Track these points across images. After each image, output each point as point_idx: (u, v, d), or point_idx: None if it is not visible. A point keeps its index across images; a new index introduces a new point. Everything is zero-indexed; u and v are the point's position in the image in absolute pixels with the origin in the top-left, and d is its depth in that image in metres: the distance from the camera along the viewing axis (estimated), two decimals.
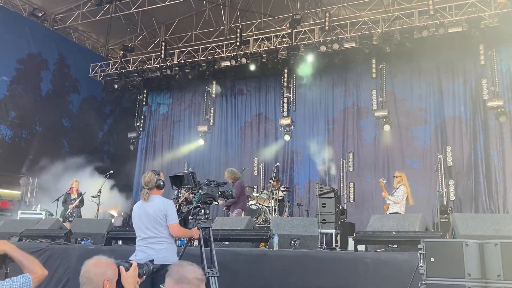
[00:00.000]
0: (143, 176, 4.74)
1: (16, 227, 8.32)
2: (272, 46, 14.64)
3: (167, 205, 4.63)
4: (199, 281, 2.19)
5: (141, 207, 4.67)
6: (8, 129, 14.08)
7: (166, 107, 17.78)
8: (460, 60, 13.26)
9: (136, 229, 4.70)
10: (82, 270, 2.57)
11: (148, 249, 4.52)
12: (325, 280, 5.34)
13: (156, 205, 4.60)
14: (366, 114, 14.06)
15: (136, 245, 4.67)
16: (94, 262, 2.62)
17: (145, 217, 4.59)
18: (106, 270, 2.62)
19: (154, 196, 4.68)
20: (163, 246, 4.56)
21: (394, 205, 8.72)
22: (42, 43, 15.19)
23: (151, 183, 4.66)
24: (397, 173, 9.20)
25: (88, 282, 2.53)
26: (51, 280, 6.48)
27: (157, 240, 4.55)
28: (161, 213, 4.56)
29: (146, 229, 4.57)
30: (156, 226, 4.56)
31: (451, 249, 3.51)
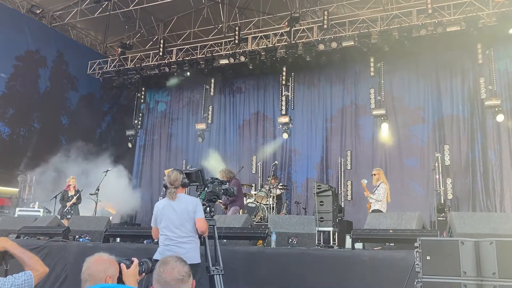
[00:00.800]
0: (168, 175, 4.70)
1: (14, 224, 8.34)
2: (271, 44, 14.65)
3: (197, 202, 4.65)
4: (178, 281, 2.14)
5: (168, 206, 4.62)
6: (6, 126, 14.07)
7: (164, 105, 17.78)
8: (458, 59, 13.29)
9: (162, 228, 4.62)
10: (84, 267, 2.58)
11: (177, 248, 4.47)
12: (323, 278, 5.37)
13: (185, 203, 4.59)
14: (364, 113, 14.08)
15: (163, 244, 4.59)
16: (95, 259, 2.63)
17: (174, 216, 4.56)
18: (108, 267, 2.63)
19: (181, 195, 4.68)
20: (191, 246, 4.57)
21: (376, 202, 8.76)
22: (41, 40, 15.16)
23: (177, 181, 4.65)
24: (374, 171, 9.22)
25: (90, 279, 2.54)
26: (49, 277, 6.49)
27: (186, 240, 4.54)
28: (191, 211, 4.56)
29: (176, 228, 4.54)
30: (185, 224, 4.55)
31: (447, 247, 3.53)
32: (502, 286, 3.32)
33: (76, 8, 15.79)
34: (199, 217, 4.58)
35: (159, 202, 4.82)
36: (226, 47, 15.42)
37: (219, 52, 15.43)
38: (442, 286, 3.44)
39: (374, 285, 5.05)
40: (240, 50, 14.94)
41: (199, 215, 4.59)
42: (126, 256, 2.81)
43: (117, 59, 16.52)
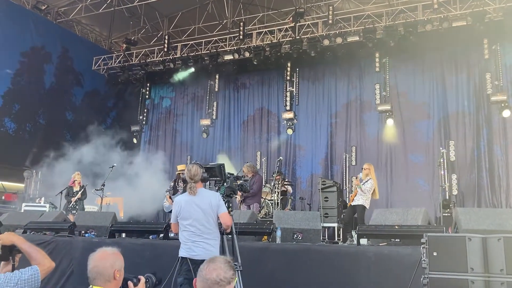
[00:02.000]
0: (188, 169, 4.62)
1: (21, 219, 8.38)
2: (275, 39, 14.61)
3: (219, 197, 4.63)
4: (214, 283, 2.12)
5: (191, 202, 4.56)
6: (12, 122, 14.13)
7: (169, 101, 17.79)
8: (464, 54, 13.20)
9: (186, 224, 4.55)
10: (90, 266, 2.59)
11: (206, 245, 4.46)
12: (328, 273, 5.37)
13: (207, 198, 4.56)
14: (369, 108, 14.04)
15: (189, 240, 4.51)
16: (100, 255, 2.64)
17: (199, 212, 4.51)
18: (115, 261, 2.65)
19: (201, 189, 4.64)
20: (216, 242, 4.56)
21: (361, 196, 8.69)
22: (46, 36, 15.19)
23: (197, 176, 4.59)
24: (365, 165, 9.15)
25: (99, 277, 2.55)
26: (56, 272, 6.53)
27: (212, 236, 4.52)
28: (214, 205, 4.54)
29: (200, 224, 4.49)
30: (209, 219, 4.52)
31: (454, 244, 3.52)
32: (510, 282, 3.30)
33: (81, 4, 15.81)
34: (224, 212, 4.56)
35: (180, 198, 4.73)
36: (230, 43, 15.39)
37: (223, 48, 15.40)
38: (449, 282, 3.43)
39: (380, 281, 5.05)
40: (244, 45, 14.92)
41: (223, 210, 4.56)
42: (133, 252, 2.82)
43: (122, 55, 16.54)
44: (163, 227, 6.96)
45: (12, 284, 2.60)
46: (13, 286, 2.60)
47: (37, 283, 2.73)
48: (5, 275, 2.65)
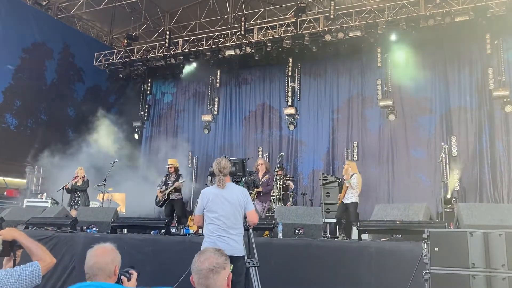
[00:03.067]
0: (217, 162, 4.57)
1: (22, 215, 8.39)
2: (277, 35, 14.58)
3: (246, 193, 4.61)
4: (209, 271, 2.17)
5: (219, 195, 4.50)
6: (14, 118, 14.15)
7: (170, 96, 17.77)
8: (466, 50, 13.15)
9: (213, 218, 4.48)
10: (91, 262, 2.58)
11: (231, 241, 4.42)
12: (329, 269, 5.37)
13: (236, 193, 4.53)
14: (371, 104, 14.01)
15: (214, 234, 4.44)
16: (101, 251, 2.64)
17: (227, 206, 4.46)
18: (115, 257, 2.67)
19: (229, 183, 4.61)
20: (241, 238, 4.53)
21: (351, 194, 8.80)
22: (47, 32, 15.18)
23: (226, 169, 4.55)
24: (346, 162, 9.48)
25: (101, 273, 2.56)
26: (57, 267, 6.54)
27: (237, 232, 4.49)
28: (242, 201, 4.52)
29: (228, 218, 4.44)
30: (236, 215, 4.49)
31: (456, 239, 3.51)
32: (511, 278, 3.30)
33: (82, 0, 15.77)
34: (252, 209, 4.56)
35: (208, 190, 4.67)
36: (232, 38, 15.36)
37: (225, 43, 15.37)
38: (451, 278, 3.42)
39: (381, 276, 5.05)
40: (246, 41, 14.89)
41: (251, 207, 4.56)
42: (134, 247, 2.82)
43: (123, 51, 16.52)
44: (164, 223, 6.97)
45: (13, 280, 2.60)
46: (14, 282, 2.60)
47: (38, 279, 2.73)
48: (6, 271, 2.65)
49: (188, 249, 6.03)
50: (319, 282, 5.35)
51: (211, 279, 2.15)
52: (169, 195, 9.65)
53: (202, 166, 15.88)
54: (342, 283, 5.24)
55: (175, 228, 8.75)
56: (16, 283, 2.61)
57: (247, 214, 4.55)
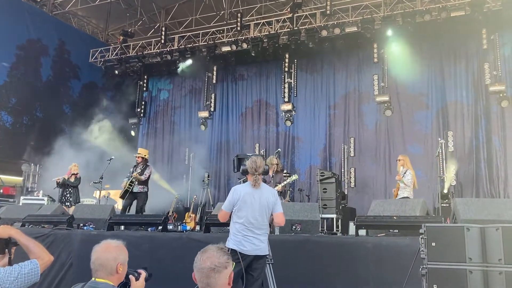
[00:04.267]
0: (253, 161, 4.52)
1: (19, 213, 8.36)
2: (273, 30, 14.55)
3: (276, 194, 4.59)
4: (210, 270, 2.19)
5: (251, 195, 4.46)
6: (9, 116, 14.08)
7: (166, 93, 17.73)
8: (462, 45, 13.16)
9: (242, 216, 4.42)
10: (93, 257, 2.57)
11: (256, 240, 4.39)
12: (327, 264, 5.38)
13: (266, 194, 4.50)
14: (367, 99, 14.01)
15: (240, 233, 4.40)
16: (104, 247, 2.62)
17: (257, 206, 4.43)
18: (118, 255, 2.63)
19: (262, 184, 4.56)
20: (266, 237, 4.51)
21: (404, 189, 8.63)
22: (42, 28, 15.10)
23: (261, 168, 4.50)
24: (400, 157, 9.14)
25: (102, 269, 2.53)
26: (55, 265, 6.52)
27: (263, 232, 4.47)
28: (271, 202, 4.48)
29: (254, 219, 4.40)
30: (263, 215, 4.45)
31: (453, 234, 3.52)
32: (508, 272, 3.31)
33: None
34: (280, 211, 4.52)
35: (240, 188, 4.59)
36: (228, 34, 15.33)
37: (221, 39, 15.34)
38: (447, 272, 3.43)
39: (378, 271, 5.06)
40: (242, 37, 14.86)
41: (279, 209, 4.52)
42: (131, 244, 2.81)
43: (119, 47, 16.46)
44: (161, 220, 6.96)
45: (12, 278, 2.59)
46: (13, 280, 2.60)
47: (37, 276, 2.72)
48: (4, 269, 2.64)
49: (186, 245, 6.02)
50: (316, 277, 5.35)
51: (212, 278, 2.17)
52: (131, 187, 9.23)
53: (199, 163, 15.86)
54: (340, 279, 5.24)
55: (172, 225, 8.74)
56: (15, 281, 2.60)
57: (274, 216, 4.52)
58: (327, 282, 5.29)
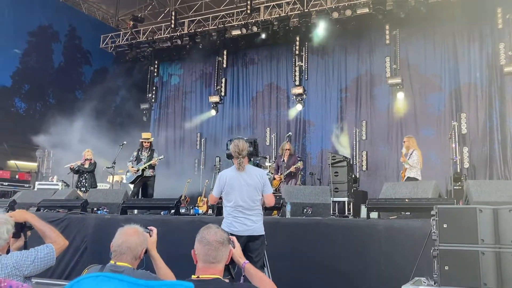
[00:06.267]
0: (235, 144, 4.61)
1: (34, 197, 8.51)
2: (284, 13, 14.40)
3: (264, 175, 4.66)
4: (219, 243, 2.31)
5: (238, 177, 4.56)
6: (22, 102, 14.24)
7: (177, 78, 17.72)
8: (476, 25, 12.89)
9: (230, 200, 4.57)
10: (120, 240, 2.60)
11: (247, 221, 4.50)
12: (338, 247, 5.40)
13: (254, 175, 4.59)
14: (379, 82, 13.87)
15: (231, 215, 4.55)
16: (133, 231, 2.66)
17: (245, 188, 4.53)
18: (144, 240, 2.70)
19: (248, 166, 4.66)
20: (259, 218, 4.61)
21: (410, 170, 8.72)
22: (52, 14, 15.16)
23: (244, 151, 4.58)
24: (405, 138, 9.25)
25: (129, 252, 2.58)
26: (69, 248, 6.62)
27: (254, 212, 4.56)
28: (260, 183, 4.57)
29: (243, 201, 4.51)
30: (253, 197, 4.54)
31: (465, 215, 3.49)
32: None
33: None
34: (269, 193, 4.65)
35: (226, 172, 4.71)
36: (238, 18, 15.21)
37: (231, 23, 15.24)
38: (459, 254, 3.42)
39: (390, 253, 5.06)
40: (252, 20, 14.75)
41: (269, 190, 4.64)
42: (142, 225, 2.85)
43: (129, 32, 16.45)
44: (174, 203, 7.03)
45: (29, 262, 2.66)
46: (30, 263, 2.66)
47: (53, 260, 2.79)
48: (21, 253, 2.71)
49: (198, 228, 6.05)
50: (328, 260, 5.38)
51: (220, 250, 2.30)
52: (143, 172, 9.32)
53: (210, 148, 15.92)
54: (351, 261, 5.26)
55: (185, 209, 8.81)
56: (32, 265, 2.67)
57: (264, 197, 4.62)
58: (339, 264, 5.31)
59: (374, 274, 5.11)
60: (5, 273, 2.54)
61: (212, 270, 2.27)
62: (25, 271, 2.64)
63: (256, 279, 2.46)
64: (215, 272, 2.27)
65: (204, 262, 2.28)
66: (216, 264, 2.29)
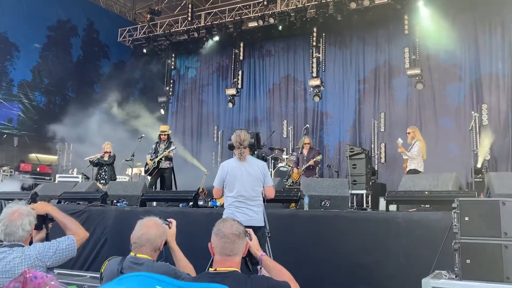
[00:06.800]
0: (237, 135, 4.65)
1: (55, 190, 8.64)
2: (300, 4, 14.27)
3: (265, 166, 4.71)
4: (235, 236, 2.31)
5: (240, 167, 4.59)
6: (42, 96, 14.45)
7: (194, 71, 17.77)
8: (498, 13, 12.57)
9: (232, 190, 4.59)
10: (139, 232, 2.62)
11: (249, 211, 4.54)
12: (356, 240, 5.36)
13: (255, 166, 4.63)
14: (398, 73, 13.68)
15: (233, 205, 4.57)
16: (153, 223, 2.69)
17: (247, 179, 4.55)
18: (164, 232, 2.73)
19: (248, 156, 4.70)
20: (260, 209, 4.64)
21: (411, 161, 8.68)
22: (71, 9, 15.31)
23: (246, 141, 4.63)
24: (409, 129, 9.18)
25: (148, 244, 2.61)
26: (90, 240, 6.72)
27: (256, 203, 4.60)
28: (261, 174, 4.61)
29: (245, 191, 4.54)
30: (255, 187, 4.58)
31: (487, 208, 3.43)
32: None
33: None
34: (270, 184, 4.70)
35: (227, 163, 4.74)
36: (254, 9, 15.14)
37: (247, 15, 15.18)
38: (481, 247, 3.36)
39: (410, 246, 5.01)
40: (269, 11, 14.66)
41: (269, 182, 4.68)
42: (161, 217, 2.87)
43: (146, 26, 16.53)
44: (192, 196, 7.07)
45: (50, 253, 2.70)
46: (52, 255, 2.71)
47: (74, 252, 2.83)
48: (43, 244, 2.75)
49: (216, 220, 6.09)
50: (346, 253, 5.35)
51: (237, 243, 2.31)
52: (158, 163, 9.49)
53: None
54: (370, 254, 5.23)
55: (203, 201, 8.86)
56: (53, 256, 2.71)
57: (265, 189, 4.67)
58: (357, 257, 5.28)
59: (393, 267, 5.07)
60: (28, 264, 2.58)
61: (229, 262, 2.27)
62: (47, 262, 2.68)
63: (274, 271, 2.46)
64: (232, 264, 2.28)
65: (221, 255, 2.29)
66: (233, 257, 2.29)
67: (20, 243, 2.68)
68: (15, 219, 2.68)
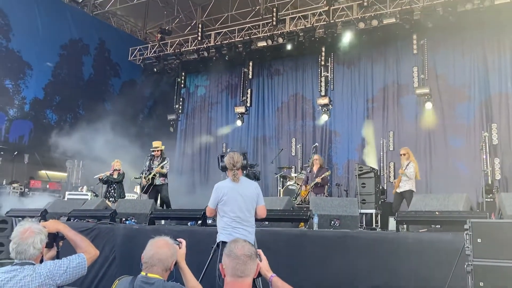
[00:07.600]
0: (230, 156, 4.74)
1: (65, 207, 8.67)
2: (309, 24, 14.42)
3: (258, 186, 4.79)
4: (247, 257, 2.30)
5: (235, 189, 4.67)
6: (54, 113, 14.61)
7: (203, 89, 17.92)
8: (506, 33, 12.59)
9: (228, 211, 4.65)
10: (151, 252, 2.61)
11: (245, 232, 4.60)
12: (366, 260, 5.30)
13: (249, 187, 4.72)
14: (406, 92, 13.69)
15: (229, 226, 4.62)
16: (163, 243, 2.68)
17: (241, 200, 4.63)
18: (174, 252, 2.72)
19: (242, 177, 4.77)
20: (253, 229, 4.74)
21: (406, 182, 8.75)
22: (83, 28, 15.57)
23: (239, 163, 4.71)
24: (402, 151, 9.23)
25: (160, 264, 2.60)
26: (99, 258, 6.60)
27: (250, 224, 4.69)
28: (255, 195, 4.70)
29: (240, 211, 4.61)
30: (249, 208, 4.66)
31: (501, 230, 3.39)
32: None
33: None
34: (262, 205, 4.76)
35: (222, 184, 4.81)
36: (263, 29, 15.31)
37: (256, 35, 15.34)
38: (495, 270, 3.32)
39: (420, 268, 4.94)
40: (278, 31, 14.81)
41: (262, 202, 4.75)
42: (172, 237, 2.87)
43: (156, 45, 16.74)
44: (201, 214, 7.05)
45: (61, 271, 2.71)
46: (62, 273, 2.71)
47: (84, 270, 2.83)
48: (54, 262, 2.76)
49: None
50: (355, 273, 5.29)
51: (248, 264, 2.29)
52: (153, 180, 9.38)
53: None
54: (380, 275, 5.16)
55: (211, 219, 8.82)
56: (64, 275, 2.72)
57: (257, 209, 4.74)
58: (367, 278, 5.21)
59: None
60: (39, 282, 2.59)
61: (240, 284, 2.25)
62: (58, 280, 2.69)
63: None
64: (243, 286, 2.26)
65: (232, 276, 2.27)
66: (244, 278, 2.27)
67: (31, 261, 2.69)
68: (26, 237, 2.69)
